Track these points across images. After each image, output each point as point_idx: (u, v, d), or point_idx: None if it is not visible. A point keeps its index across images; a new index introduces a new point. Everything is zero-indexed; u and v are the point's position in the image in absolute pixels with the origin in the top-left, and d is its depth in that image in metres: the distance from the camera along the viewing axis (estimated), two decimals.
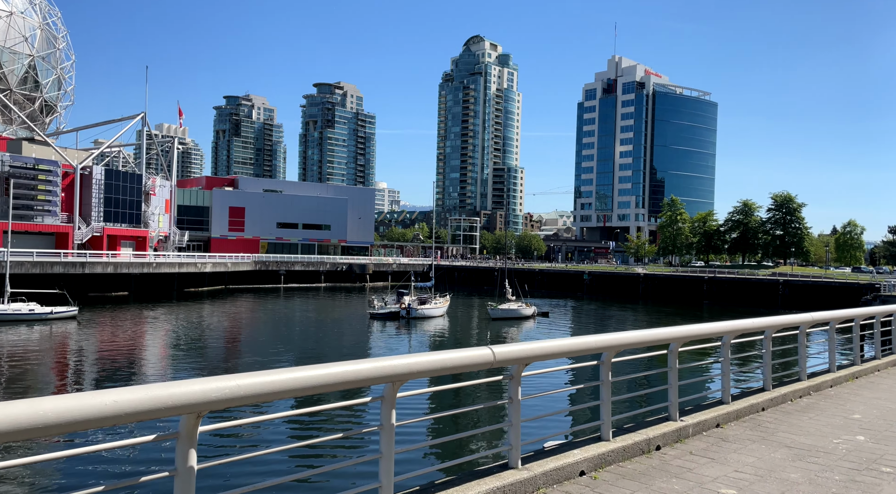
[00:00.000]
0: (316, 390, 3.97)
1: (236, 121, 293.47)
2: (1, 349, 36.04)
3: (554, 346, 5.92)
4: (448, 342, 45.70)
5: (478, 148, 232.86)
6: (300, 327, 52.14)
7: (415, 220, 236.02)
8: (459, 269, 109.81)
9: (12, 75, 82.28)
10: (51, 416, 2.75)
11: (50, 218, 72.44)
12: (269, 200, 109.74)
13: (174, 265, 76.53)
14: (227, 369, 32.70)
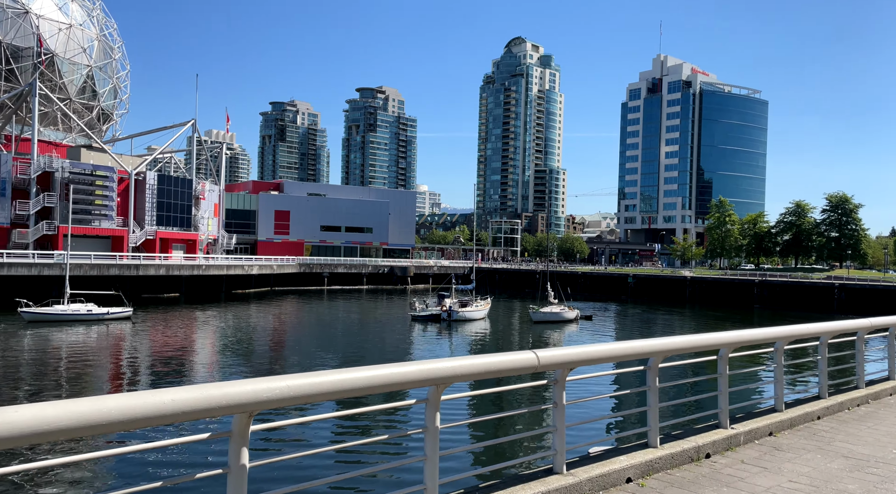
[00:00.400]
0: (362, 391, 4.02)
1: (281, 126, 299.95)
2: (62, 349, 37.74)
3: (600, 350, 5.85)
4: (489, 345, 45.58)
5: (519, 150, 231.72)
6: (343, 328, 52.86)
7: (455, 222, 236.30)
8: (500, 271, 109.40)
9: (72, 85, 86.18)
10: (114, 413, 2.88)
11: (106, 222, 75.44)
12: (313, 203, 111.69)
13: (222, 267, 78.66)
14: (273, 369, 33.43)
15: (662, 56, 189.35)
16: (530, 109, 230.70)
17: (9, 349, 36.40)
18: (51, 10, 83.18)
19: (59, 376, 30.38)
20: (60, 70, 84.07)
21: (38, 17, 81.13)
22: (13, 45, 79.38)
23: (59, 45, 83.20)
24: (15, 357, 34.18)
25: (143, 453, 16.49)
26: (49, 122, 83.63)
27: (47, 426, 2.67)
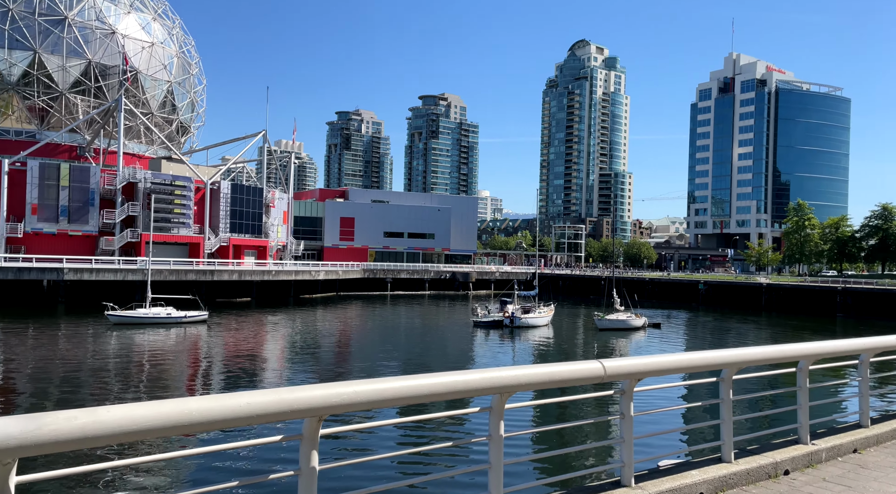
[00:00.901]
0: (425, 398, 4.07)
1: (347, 135, 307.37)
2: (144, 350, 39.93)
3: (669, 361, 5.68)
4: (553, 352, 44.97)
5: (583, 154, 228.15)
6: (406, 333, 53.46)
7: (517, 228, 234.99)
8: (564, 277, 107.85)
9: (153, 100, 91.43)
10: (195, 415, 3.03)
11: (184, 229, 79.39)
12: (377, 210, 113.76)
13: (291, 273, 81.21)
14: (340, 374, 34.19)
15: (735, 54, 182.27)
16: (594, 113, 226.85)
17: (97, 351, 38.84)
18: (135, 30, 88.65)
19: (142, 376, 32.14)
20: (143, 86, 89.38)
21: (123, 36, 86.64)
22: (101, 63, 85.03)
23: (142, 62, 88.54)
24: (103, 358, 36.44)
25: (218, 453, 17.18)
26: (133, 135, 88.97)
27: (136, 425, 2.84)
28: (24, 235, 69.68)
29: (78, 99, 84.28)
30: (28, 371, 31.86)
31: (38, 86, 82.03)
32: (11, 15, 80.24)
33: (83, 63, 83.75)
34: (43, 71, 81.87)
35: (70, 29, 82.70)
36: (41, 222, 70.85)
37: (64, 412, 2.71)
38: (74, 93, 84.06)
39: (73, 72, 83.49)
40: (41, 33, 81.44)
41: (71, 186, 72.23)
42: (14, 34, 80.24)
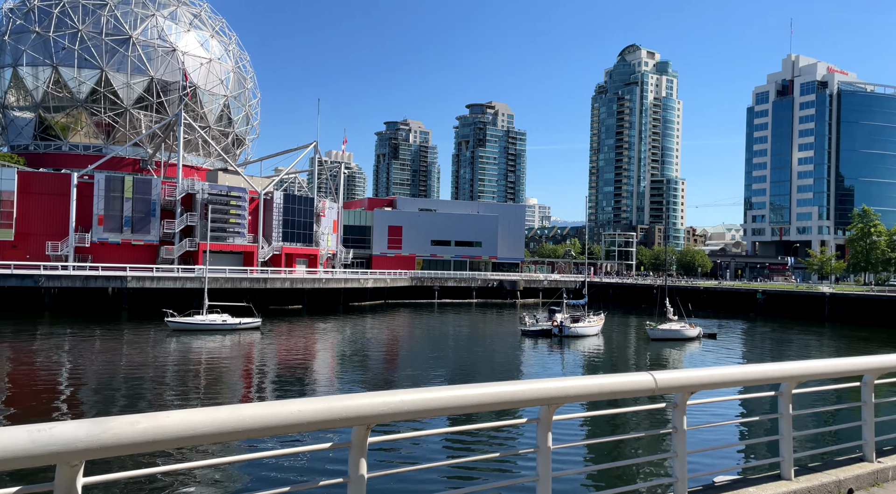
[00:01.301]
0: (473, 408, 4.07)
1: (395, 145, 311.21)
2: (201, 356, 41.27)
3: (725, 374, 5.50)
4: (603, 363, 44.14)
5: (633, 160, 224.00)
6: (453, 342, 53.47)
7: (566, 236, 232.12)
8: (614, 286, 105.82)
9: (211, 114, 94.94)
10: (248, 421, 3.13)
11: (239, 239, 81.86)
12: (424, 218, 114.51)
13: (340, 281, 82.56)
14: (388, 381, 34.47)
15: (793, 56, 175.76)
16: (645, 118, 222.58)
17: (157, 356, 40.37)
18: (194, 47, 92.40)
19: (199, 382, 33.21)
20: (201, 101, 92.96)
21: (183, 54, 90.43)
22: (163, 80, 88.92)
23: (200, 78, 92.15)
24: (163, 363, 37.85)
25: (270, 459, 17.53)
26: (191, 148, 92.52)
27: (193, 431, 2.95)
28: (91, 244, 73.22)
29: (141, 114, 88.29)
30: (94, 376, 33.39)
31: (104, 102, 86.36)
32: (81, 35, 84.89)
33: (146, 80, 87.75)
34: (109, 88, 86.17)
35: (134, 47, 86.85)
36: (107, 232, 74.31)
37: (127, 417, 2.84)
38: (138, 108, 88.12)
39: (136, 88, 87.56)
40: (108, 52, 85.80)
41: (134, 197, 75.57)
42: (83, 54, 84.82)
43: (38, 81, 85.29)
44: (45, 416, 24.53)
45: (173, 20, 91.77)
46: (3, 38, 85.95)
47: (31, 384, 31.26)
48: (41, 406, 26.51)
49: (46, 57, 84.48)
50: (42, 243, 71.39)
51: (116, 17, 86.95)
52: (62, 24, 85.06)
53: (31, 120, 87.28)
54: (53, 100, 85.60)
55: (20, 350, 40.74)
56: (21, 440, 2.46)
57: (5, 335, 46.24)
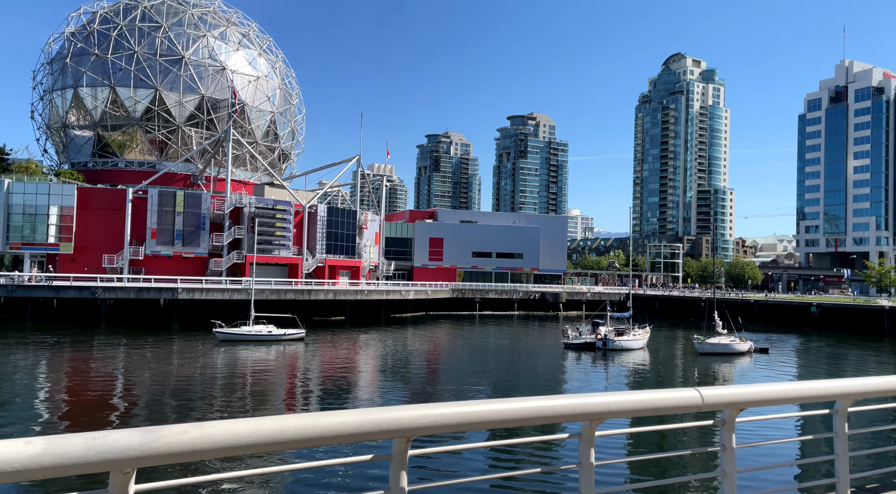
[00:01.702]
0: (513, 423, 4.04)
1: (436, 157, 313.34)
2: (247, 366, 42.17)
3: (776, 390, 5.31)
4: (649, 377, 43.11)
5: (679, 170, 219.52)
6: (495, 354, 53.14)
7: (610, 247, 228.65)
8: (660, 298, 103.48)
9: (258, 130, 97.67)
10: (291, 432, 3.18)
11: (285, 251, 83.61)
12: (465, 230, 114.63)
13: (382, 293, 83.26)
14: (429, 394, 34.48)
15: (847, 61, 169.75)
16: (691, 127, 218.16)
17: (206, 366, 41.45)
18: (243, 66, 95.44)
19: (245, 391, 33.93)
20: (249, 117, 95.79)
21: (232, 72, 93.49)
22: (213, 98, 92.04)
23: (248, 95, 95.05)
24: (211, 373, 38.83)
25: (313, 469, 17.73)
26: (239, 163, 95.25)
27: (238, 441, 3.02)
28: (144, 257, 75.98)
29: (192, 131, 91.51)
30: (146, 384, 34.50)
31: (158, 120, 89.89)
32: (137, 57, 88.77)
33: (197, 98, 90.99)
34: (163, 106, 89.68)
35: (186, 67, 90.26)
36: (159, 245, 77.01)
37: (176, 426, 2.93)
38: (189, 126, 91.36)
39: (188, 106, 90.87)
40: (161, 72, 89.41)
41: (185, 211, 78.16)
42: (139, 74, 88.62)
43: (96, 101, 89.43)
44: (99, 424, 25.46)
45: (223, 40, 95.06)
46: (64, 61, 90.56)
47: (87, 392, 32.51)
48: (96, 414, 27.52)
49: (105, 78, 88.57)
50: (99, 255, 74.44)
51: (170, 39, 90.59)
52: (119, 47, 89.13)
53: (89, 138, 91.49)
54: (111, 119, 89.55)
55: (78, 360, 42.46)
56: (77, 447, 2.57)
57: (64, 345, 48.27)
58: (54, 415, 27.34)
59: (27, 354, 43.61)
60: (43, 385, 33.87)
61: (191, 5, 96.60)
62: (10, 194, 73.62)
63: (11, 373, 36.43)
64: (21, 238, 73.51)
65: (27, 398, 30.31)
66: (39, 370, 38.24)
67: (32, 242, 73.54)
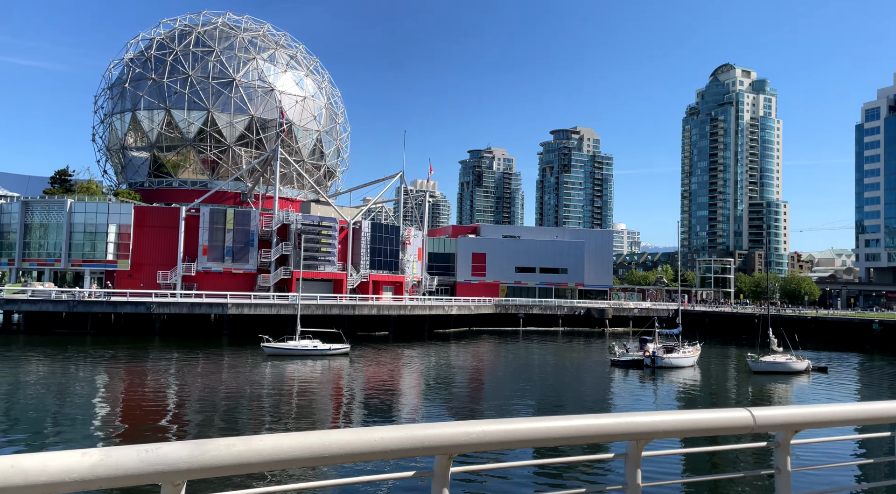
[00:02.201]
0: (556, 442, 3.98)
1: (478, 172, 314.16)
2: (293, 380, 42.83)
3: (834, 412, 5.07)
4: (700, 396, 41.78)
5: (729, 183, 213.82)
6: (539, 371, 52.47)
7: (657, 262, 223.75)
8: (711, 315, 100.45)
9: (305, 149, 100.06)
10: (334, 447, 3.22)
11: (330, 267, 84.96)
12: (508, 245, 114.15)
13: (425, 308, 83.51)
14: (472, 410, 34.26)
15: None
16: (741, 139, 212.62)
17: (254, 380, 42.29)
18: (290, 86, 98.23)
19: (291, 405, 34.43)
20: (296, 136, 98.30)
21: (280, 93, 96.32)
22: (262, 118, 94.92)
23: (295, 115, 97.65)
24: (259, 386, 39.60)
25: (354, 484, 17.80)
26: (287, 181, 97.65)
27: (283, 455, 3.08)
28: (196, 273, 78.41)
29: (242, 151, 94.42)
30: (196, 397, 35.42)
31: (210, 141, 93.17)
32: (190, 80, 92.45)
33: (247, 119, 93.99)
34: (214, 127, 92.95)
35: (237, 89, 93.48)
36: (210, 261, 79.38)
37: (224, 440, 3.01)
38: (239, 145, 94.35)
39: (238, 127, 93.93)
40: (213, 94, 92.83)
41: (235, 229, 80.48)
42: (192, 97, 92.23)
43: (153, 124, 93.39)
44: (152, 436, 26.24)
45: (272, 62, 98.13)
46: (123, 86, 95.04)
47: (141, 404, 33.59)
48: (149, 426, 28.38)
49: (161, 101, 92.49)
50: (154, 272, 77.22)
51: (222, 62, 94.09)
52: (175, 71, 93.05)
53: (146, 159, 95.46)
54: (166, 140, 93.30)
55: (133, 373, 43.97)
56: (131, 459, 2.67)
57: (120, 359, 50.08)
58: (110, 427, 28.33)
59: (86, 367, 45.41)
60: (100, 398, 35.18)
61: (241, 29, 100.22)
62: (73, 214, 77.30)
63: (71, 386, 37.99)
64: (82, 255, 76.96)
65: (85, 410, 31.52)
66: (97, 383, 39.75)
67: (92, 259, 76.88)
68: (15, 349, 54.82)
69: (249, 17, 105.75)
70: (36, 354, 51.21)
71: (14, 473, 2.37)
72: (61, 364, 45.94)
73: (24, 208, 78.49)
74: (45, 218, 78.08)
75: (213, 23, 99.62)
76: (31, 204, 79.10)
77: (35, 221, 78.41)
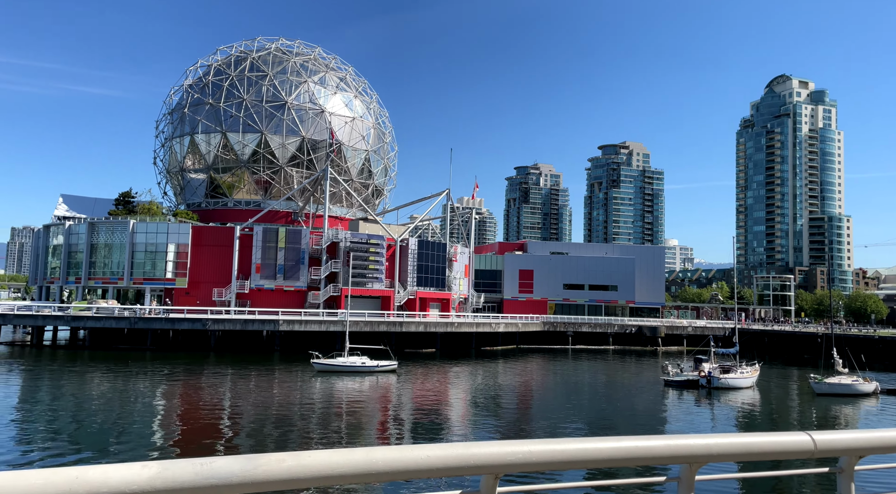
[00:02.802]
0: (605, 463, 3.91)
1: (525, 189, 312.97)
2: (342, 396, 43.27)
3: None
4: (759, 419, 40.05)
5: (787, 197, 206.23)
6: (589, 390, 51.39)
7: (711, 278, 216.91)
8: (770, 334, 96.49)
9: (353, 168, 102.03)
10: (380, 465, 3.26)
11: (377, 284, 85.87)
12: (556, 262, 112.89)
13: (472, 325, 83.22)
14: (520, 429, 33.80)
15: None
16: (800, 151, 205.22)
17: (304, 395, 42.94)
18: (340, 108, 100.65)
19: (340, 421, 34.76)
20: (345, 156, 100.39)
21: (330, 114, 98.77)
22: (313, 139, 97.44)
23: (345, 135, 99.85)
24: (309, 402, 40.17)
25: None
26: (336, 200, 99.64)
27: (331, 471, 3.14)
28: (249, 291, 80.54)
29: (293, 171, 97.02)
30: (249, 412, 36.19)
31: (263, 162, 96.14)
32: (245, 104, 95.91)
33: (298, 140, 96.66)
34: (267, 149, 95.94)
35: (289, 111, 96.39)
36: (263, 279, 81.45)
37: (275, 455, 3.09)
38: (291, 166, 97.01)
39: (290, 148, 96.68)
40: (266, 117, 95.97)
41: (286, 247, 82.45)
42: (247, 120, 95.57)
43: (210, 146, 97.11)
44: (206, 449, 26.91)
45: (322, 85, 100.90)
46: (183, 111, 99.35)
47: (196, 418, 34.54)
48: (203, 439, 29.14)
49: (217, 124, 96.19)
50: (209, 289, 79.71)
51: (275, 86, 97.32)
52: (230, 95, 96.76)
53: (203, 180, 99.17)
54: (222, 162, 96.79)
55: (189, 387, 45.32)
56: (187, 473, 2.78)
57: (177, 374, 51.73)
58: (167, 440, 29.23)
59: (145, 382, 47.09)
60: (158, 411, 36.37)
61: (294, 54, 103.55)
62: (135, 234, 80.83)
63: (132, 400, 39.44)
64: (143, 274, 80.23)
65: (144, 423, 32.64)
66: (156, 397, 41.13)
67: (153, 277, 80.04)
68: (80, 363, 57.39)
69: (301, 42, 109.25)
70: (99, 369, 53.46)
71: (79, 484, 2.50)
72: (123, 379, 47.79)
73: (90, 229, 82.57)
74: (109, 238, 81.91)
75: (267, 48, 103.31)
76: (97, 225, 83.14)
77: (100, 241, 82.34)
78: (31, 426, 31.20)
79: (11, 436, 28.74)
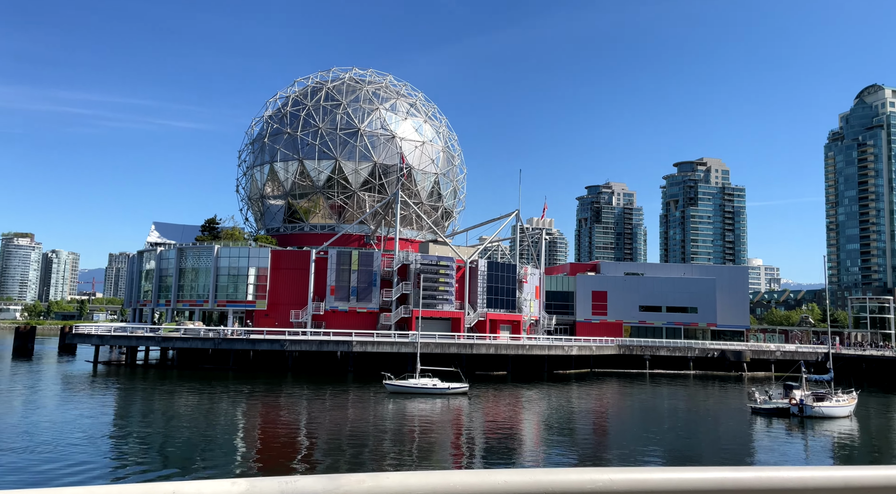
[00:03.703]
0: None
1: (597, 208, 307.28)
2: (414, 417, 43.47)
3: None
4: (860, 451, 37.08)
5: (883, 213, 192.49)
6: (669, 416, 49.25)
7: (800, 300, 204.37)
8: (868, 359, 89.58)
9: (423, 191, 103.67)
10: (458, 488, 3.26)
11: (448, 305, 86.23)
12: (631, 283, 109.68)
13: (544, 348, 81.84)
14: (596, 457, 32.78)
15: None
16: (895, 165, 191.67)
17: (377, 416, 43.47)
18: (410, 133, 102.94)
19: (413, 442, 34.90)
20: (415, 179, 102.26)
21: (401, 139, 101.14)
22: (384, 164, 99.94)
23: (415, 159, 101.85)
24: (382, 423, 40.62)
25: None
26: (406, 223, 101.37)
27: (408, 492, 3.18)
28: (324, 312, 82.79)
29: (366, 195, 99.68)
30: (325, 431, 36.96)
31: (337, 187, 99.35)
32: (320, 132, 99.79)
33: (370, 165, 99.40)
34: (341, 175, 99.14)
35: (361, 138, 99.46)
36: (337, 301, 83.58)
37: (355, 475, 3.17)
38: (363, 191, 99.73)
39: (363, 173, 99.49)
40: (340, 144, 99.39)
41: (359, 269, 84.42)
42: (322, 147, 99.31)
43: (287, 174, 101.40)
44: (286, 467, 27.64)
45: (393, 111, 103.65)
46: (263, 141, 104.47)
47: (276, 437, 35.60)
48: (283, 458, 29.96)
49: (294, 153, 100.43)
50: (287, 311, 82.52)
51: (348, 114, 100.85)
52: (307, 124, 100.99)
53: (281, 206, 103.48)
54: (299, 188, 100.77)
55: (269, 406, 46.86)
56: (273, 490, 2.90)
57: (257, 394, 53.62)
58: (249, 457, 30.25)
59: (228, 401, 49.08)
60: (240, 429, 37.76)
61: (366, 82, 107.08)
62: (219, 258, 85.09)
63: (215, 419, 41.16)
64: (226, 296, 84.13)
65: (227, 440, 33.95)
66: (237, 416, 42.76)
67: (235, 299, 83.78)
68: (168, 382, 60.61)
69: (373, 71, 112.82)
70: (186, 387, 56.22)
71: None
72: (208, 397, 50.01)
73: (178, 255, 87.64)
74: (196, 263, 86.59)
75: (341, 78, 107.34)
76: (185, 250, 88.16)
77: (188, 265, 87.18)
78: (124, 442, 33.13)
79: (107, 450, 30.61)
